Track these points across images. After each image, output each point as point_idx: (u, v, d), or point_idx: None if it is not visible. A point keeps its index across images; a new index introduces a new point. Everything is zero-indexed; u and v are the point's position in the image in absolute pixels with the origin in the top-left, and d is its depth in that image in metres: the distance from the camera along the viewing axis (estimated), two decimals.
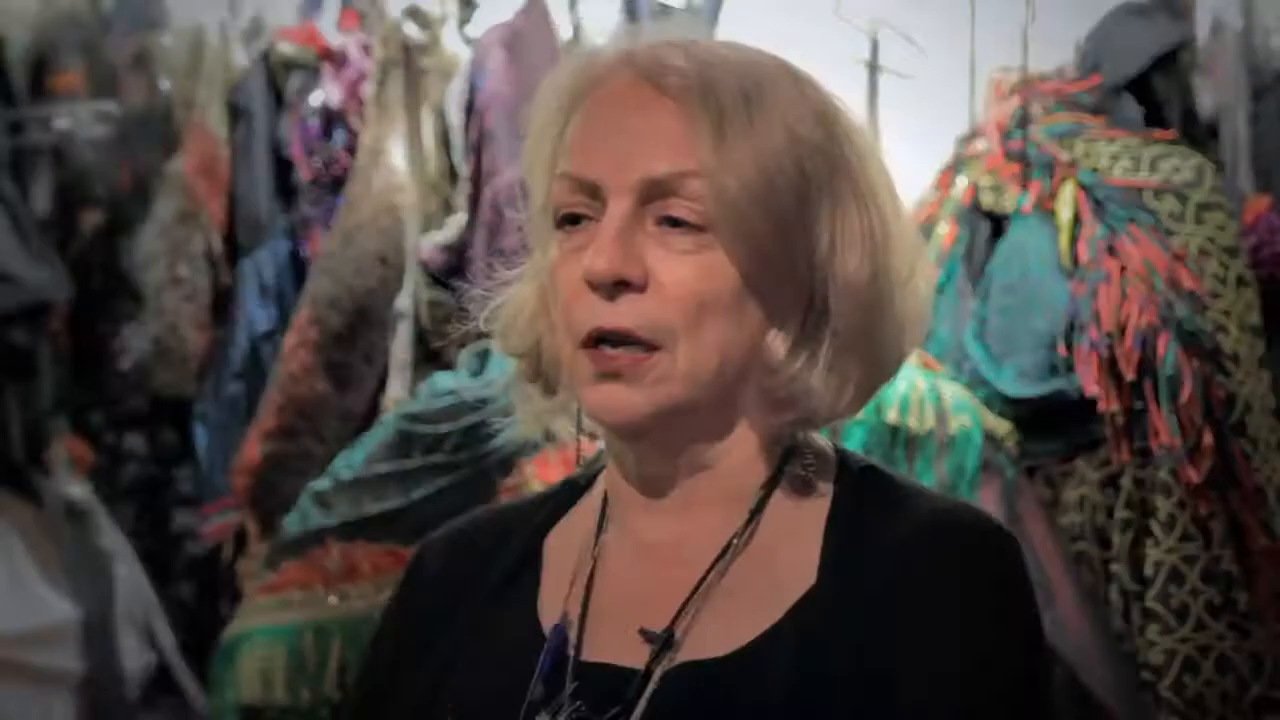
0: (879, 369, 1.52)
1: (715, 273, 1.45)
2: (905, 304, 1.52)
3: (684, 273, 1.45)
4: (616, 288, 1.45)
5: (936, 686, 1.42)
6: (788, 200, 1.46)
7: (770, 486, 1.52)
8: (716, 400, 1.48)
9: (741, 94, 1.46)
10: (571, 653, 1.50)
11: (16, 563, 3.68)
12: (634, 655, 1.47)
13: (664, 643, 1.47)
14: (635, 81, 1.48)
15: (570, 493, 1.62)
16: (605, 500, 1.56)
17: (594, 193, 1.47)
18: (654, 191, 1.46)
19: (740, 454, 1.51)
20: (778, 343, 1.48)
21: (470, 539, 1.62)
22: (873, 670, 1.43)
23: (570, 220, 1.49)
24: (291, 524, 3.21)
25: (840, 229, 1.48)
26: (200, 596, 4.06)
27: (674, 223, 1.46)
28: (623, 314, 1.45)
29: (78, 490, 3.98)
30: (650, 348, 1.45)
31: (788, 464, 1.52)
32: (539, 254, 1.54)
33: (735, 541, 1.50)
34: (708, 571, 1.49)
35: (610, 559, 1.54)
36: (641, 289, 1.45)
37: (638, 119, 1.47)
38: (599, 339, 1.46)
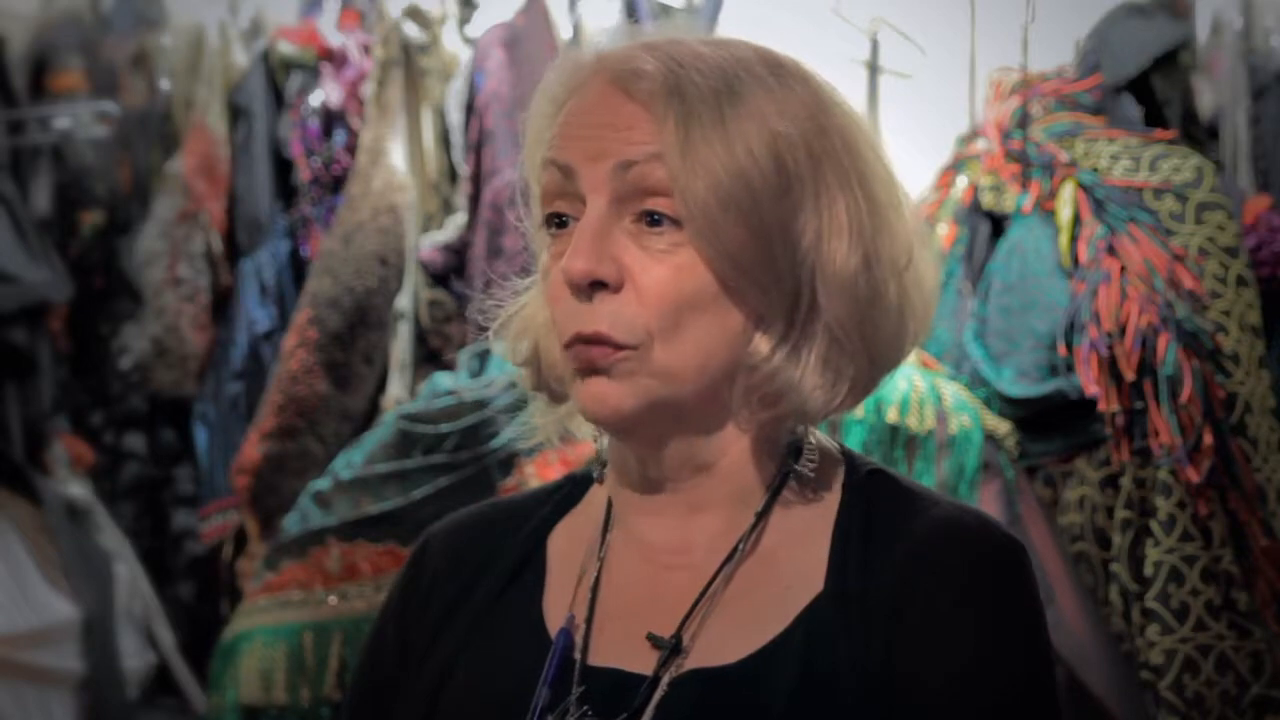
0: (877, 361, 1.50)
1: (692, 273, 1.44)
2: (906, 294, 1.50)
3: (661, 273, 1.44)
4: (593, 288, 1.44)
5: (945, 694, 1.42)
6: (763, 200, 1.44)
7: (775, 489, 1.51)
8: (703, 398, 1.47)
9: (712, 94, 1.45)
10: (578, 656, 1.49)
11: (16, 563, 3.67)
12: (641, 660, 1.47)
13: (672, 649, 1.46)
14: (606, 87, 1.48)
15: (574, 489, 1.61)
16: (610, 501, 1.56)
17: (570, 174, 1.46)
18: (629, 187, 1.45)
19: (737, 453, 1.50)
20: (762, 339, 1.46)
21: (473, 532, 1.61)
22: (881, 678, 1.42)
23: (558, 224, 1.49)
24: (291, 524, 3.20)
25: (827, 220, 1.46)
26: (200, 596, 4.06)
27: (651, 220, 1.45)
28: (599, 317, 1.44)
29: (78, 490, 3.97)
30: (627, 349, 1.45)
31: (791, 465, 1.51)
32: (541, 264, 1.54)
33: (741, 546, 1.49)
34: (714, 576, 1.48)
35: (616, 561, 1.54)
36: (617, 289, 1.45)
37: (609, 122, 1.46)
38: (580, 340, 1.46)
